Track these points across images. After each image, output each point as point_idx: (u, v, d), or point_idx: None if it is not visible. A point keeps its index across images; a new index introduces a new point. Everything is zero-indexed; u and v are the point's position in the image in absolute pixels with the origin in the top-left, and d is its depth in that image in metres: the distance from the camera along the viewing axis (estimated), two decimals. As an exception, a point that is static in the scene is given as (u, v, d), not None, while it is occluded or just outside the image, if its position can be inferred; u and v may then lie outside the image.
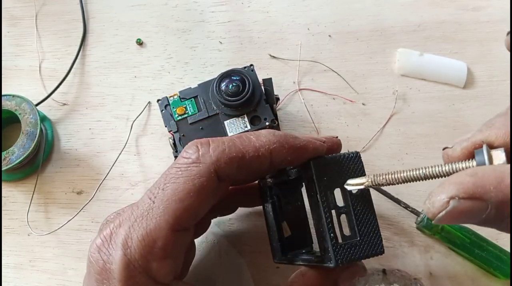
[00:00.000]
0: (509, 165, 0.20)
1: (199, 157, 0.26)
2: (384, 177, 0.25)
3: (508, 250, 0.37)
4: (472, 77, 0.44)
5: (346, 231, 0.27)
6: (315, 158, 0.27)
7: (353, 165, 0.28)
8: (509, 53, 0.44)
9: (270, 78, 0.39)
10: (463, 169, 0.22)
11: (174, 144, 0.37)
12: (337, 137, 0.30)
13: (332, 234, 0.26)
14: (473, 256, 0.37)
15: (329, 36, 0.45)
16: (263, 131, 0.28)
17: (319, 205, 0.26)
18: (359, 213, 0.27)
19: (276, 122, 0.37)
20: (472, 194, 0.19)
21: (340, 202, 0.27)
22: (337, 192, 0.27)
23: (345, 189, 0.27)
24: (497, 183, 0.19)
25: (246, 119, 0.37)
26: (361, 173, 0.28)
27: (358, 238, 0.26)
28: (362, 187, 0.26)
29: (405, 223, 0.39)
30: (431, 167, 0.23)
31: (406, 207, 0.38)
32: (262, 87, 0.38)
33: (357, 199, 0.27)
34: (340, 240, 0.26)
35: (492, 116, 0.24)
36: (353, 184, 0.27)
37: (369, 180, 0.25)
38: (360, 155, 0.28)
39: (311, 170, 0.27)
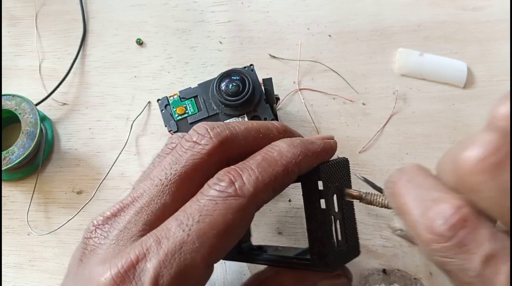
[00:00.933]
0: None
1: (236, 190, 0.24)
2: (379, 201, 0.25)
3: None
4: (472, 77, 0.44)
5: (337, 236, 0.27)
6: (322, 163, 0.26)
7: (345, 171, 0.28)
8: (509, 53, 0.44)
9: (270, 78, 0.39)
10: None
11: (174, 143, 0.37)
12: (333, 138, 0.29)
13: (333, 241, 0.26)
14: (473, 256, 0.37)
15: (329, 36, 0.45)
16: (281, 144, 0.26)
17: (324, 212, 0.26)
18: (347, 218, 0.27)
19: (276, 122, 0.37)
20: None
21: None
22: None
23: (342, 195, 0.27)
24: None
25: (246, 119, 0.37)
26: (348, 179, 0.28)
27: (346, 243, 0.27)
28: (358, 201, 0.26)
29: (405, 223, 0.39)
30: None
31: (406, 207, 0.38)
32: (262, 87, 0.38)
33: (347, 204, 0.28)
34: (335, 246, 0.26)
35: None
36: (350, 196, 0.27)
37: (366, 198, 0.26)
38: (348, 160, 0.28)
39: (318, 175, 0.26)
